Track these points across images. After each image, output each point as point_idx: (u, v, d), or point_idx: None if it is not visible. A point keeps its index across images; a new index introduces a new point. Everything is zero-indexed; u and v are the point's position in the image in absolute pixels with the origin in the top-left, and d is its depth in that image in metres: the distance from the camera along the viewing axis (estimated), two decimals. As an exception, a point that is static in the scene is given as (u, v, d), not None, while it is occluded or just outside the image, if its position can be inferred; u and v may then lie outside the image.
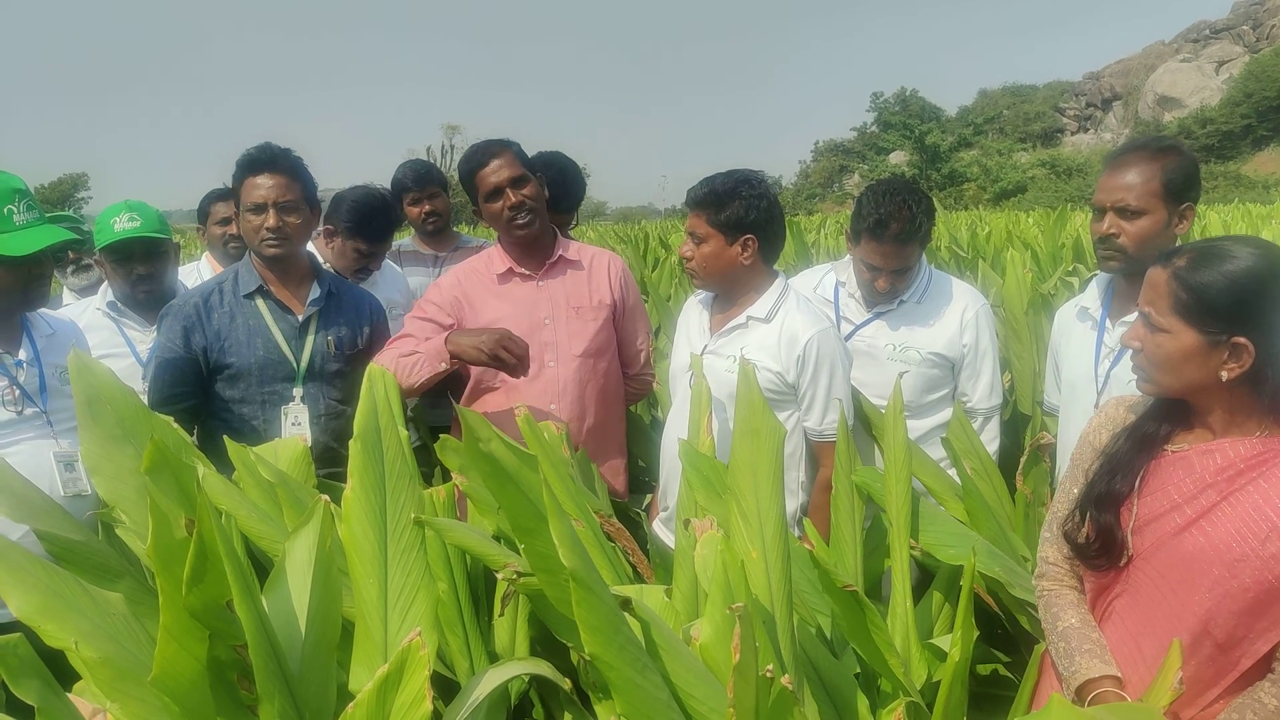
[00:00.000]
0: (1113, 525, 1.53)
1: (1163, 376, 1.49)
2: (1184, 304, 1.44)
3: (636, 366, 2.95)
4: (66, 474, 2.13)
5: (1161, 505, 1.50)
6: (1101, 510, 1.54)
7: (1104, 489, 1.55)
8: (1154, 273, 1.51)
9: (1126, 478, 1.54)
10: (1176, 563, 1.46)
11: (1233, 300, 1.41)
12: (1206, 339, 1.43)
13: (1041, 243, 7.09)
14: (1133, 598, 1.53)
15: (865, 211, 2.48)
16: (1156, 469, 1.53)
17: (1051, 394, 2.57)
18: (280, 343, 2.58)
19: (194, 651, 1.07)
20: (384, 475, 1.55)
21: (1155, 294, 1.49)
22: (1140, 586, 1.52)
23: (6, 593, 1.21)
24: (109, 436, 1.75)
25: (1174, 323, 1.46)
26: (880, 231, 2.45)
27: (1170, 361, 1.47)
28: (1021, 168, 55.26)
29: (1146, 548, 1.50)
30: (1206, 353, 1.44)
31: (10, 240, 2.02)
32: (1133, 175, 2.14)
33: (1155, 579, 1.49)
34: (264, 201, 2.50)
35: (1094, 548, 1.55)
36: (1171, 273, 1.47)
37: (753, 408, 1.64)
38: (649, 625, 1.12)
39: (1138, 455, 1.55)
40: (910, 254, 2.51)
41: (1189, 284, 1.44)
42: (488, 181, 2.63)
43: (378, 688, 1.20)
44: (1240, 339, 1.41)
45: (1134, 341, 1.53)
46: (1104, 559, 1.55)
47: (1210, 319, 1.43)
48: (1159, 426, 1.56)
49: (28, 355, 2.18)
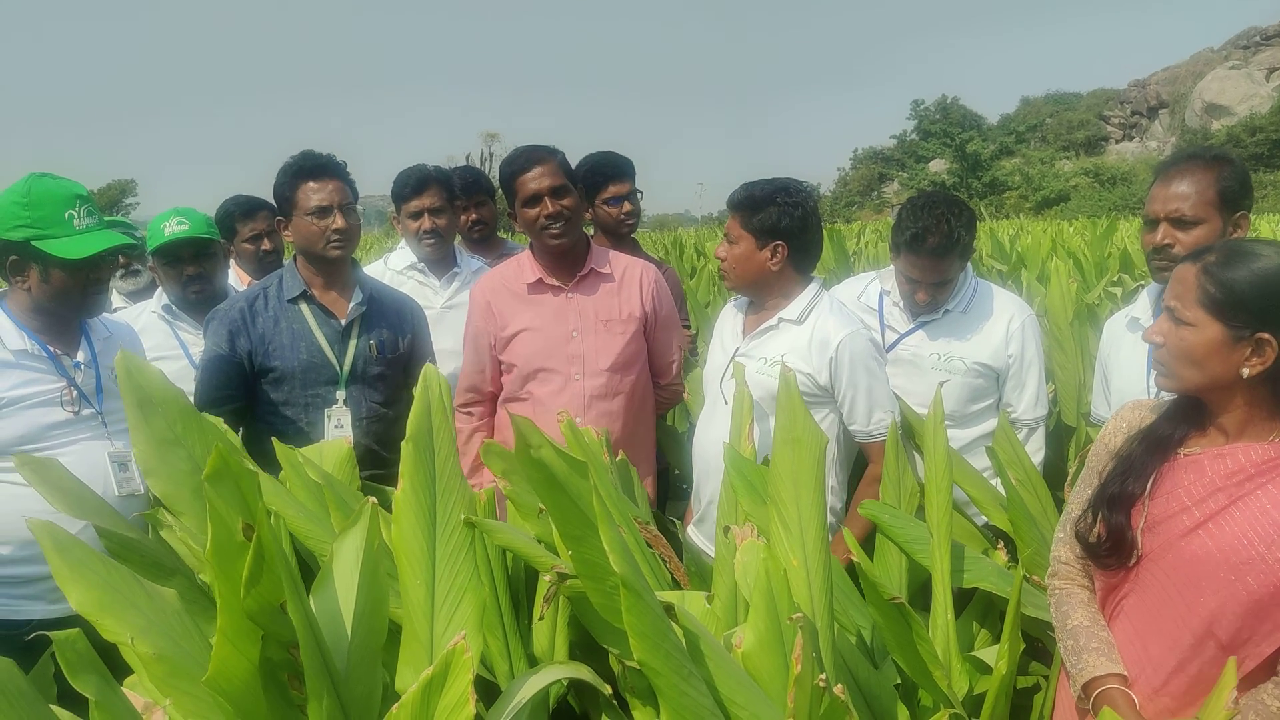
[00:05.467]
0: (1124, 525, 1.55)
1: (1184, 370, 1.51)
2: (1211, 298, 1.46)
3: (668, 377, 2.95)
4: (121, 474, 2.17)
5: (1171, 507, 1.51)
6: (1113, 510, 1.57)
7: (1116, 489, 1.58)
8: (1183, 269, 1.53)
9: (1139, 479, 1.56)
10: (1183, 564, 1.48)
11: (1260, 296, 1.43)
12: (1231, 333, 1.45)
13: (1086, 252, 6.99)
14: (1141, 597, 1.55)
15: (904, 225, 2.48)
16: (1169, 471, 1.54)
17: (1099, 405, 2.53)
18: (324, 347, 2.63)
19: (248, 653, 1.09)
20: (434, 477, 1.56)
21: (1183, 288, 1.50)
22: (1148, 587, 1.54)
23: (67, 586, 1.24)
24: (161, 439, 1.78)
25: (1200, 316, 1.47)
26: (918, 245, 2.45)
27: (1193, 355, 1.48)
28: (1064, 176, 54.48)
29: (1155, 548, 1.52)
30: (1230, 348, 1.45)
31: (71, 244, 2.07)
32: (1187, 185, 2.13)
33: (1163, 580, 1.51)
34: (329, 205, 2.58)
35: (1104, 547, 1.57)
36: (1201, 268, 1.49)
37: (794, 415, 1.64)
38: (693, 632, 1.12)
39: (1151, 457, 1.57)
40: (949, 267, 2.50)
41: (1218, 279, 1.46)
42: (528, 187, 2.65)
43: (422, 690, 1.22)
44: (1265, 335, 1.43)
45: (1157, 336, 1.55)
46: (1114, 559, 1.57)
47: (1236, 313, 1.44)
48: (1174, 429, 1.58)
49: (85, 357, 2.24)
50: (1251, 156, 46.55)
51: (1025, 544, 2.02)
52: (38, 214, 2.06)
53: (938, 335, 2.60)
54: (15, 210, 2.06)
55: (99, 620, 1.23)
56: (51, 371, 2.16)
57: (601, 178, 3.41)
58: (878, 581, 1.58)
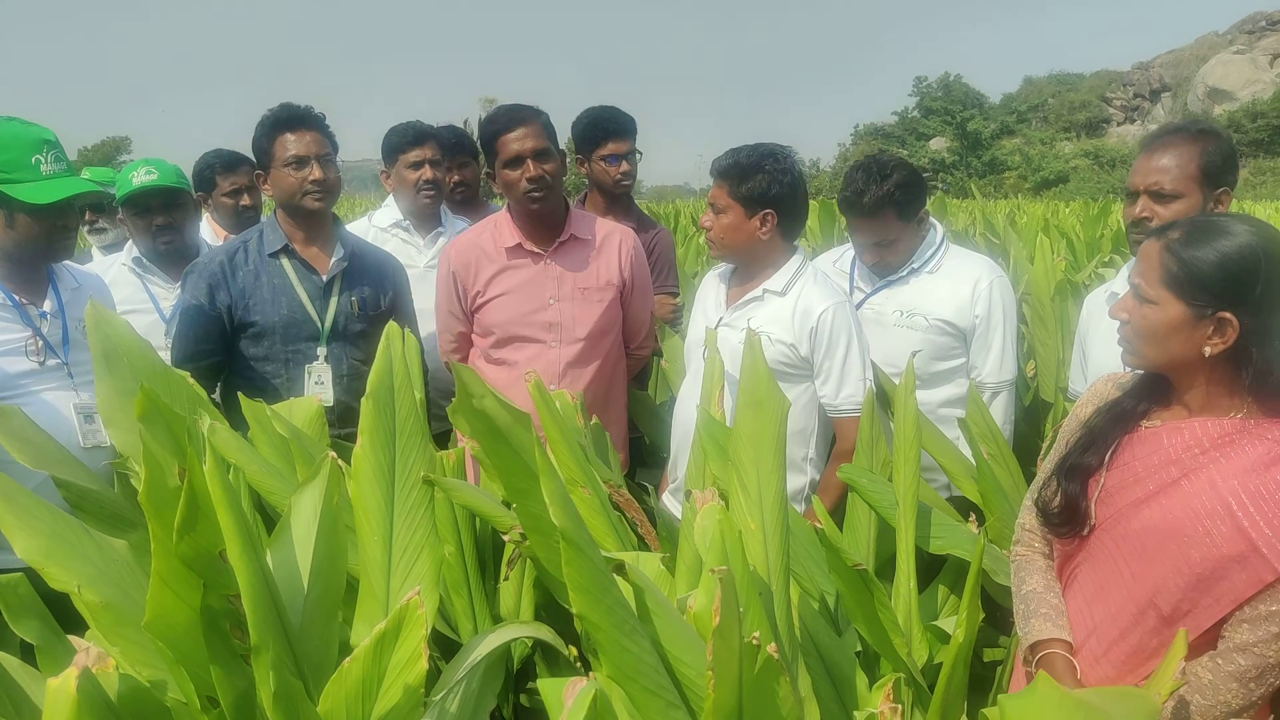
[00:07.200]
0: (1078, 495, 1.57)
1: (1147, 348, 1.50)
2: (1173, 276, 1.45)
3: (638, 341, 2.95)
4: (86, 425, 2.15)
5: (1126, 479, 1.52)
6: (1070, 480, 1.58)
7: (1076, 460, 1.59)
8: (1148, 245, 1.52)
9: (1098, 451, 1.57)
10: (1131, 534, 1.49)
11: (1222, 275, 1.41)
12: (1193, 312, 1.43)
13: (1079, 232, 6.97)
14: (1092, 566, 1.57)
15: (842, 186, 2.53)
16: (1129, 443, 1.55)
17: (1076, 380, 2.52)
18: (305, 302, 2.61)
19: (187, 599, 1.08)
20: (394, 433, 1.55)
21: (1147, 265, 1.49)
22: (1098, 556, 1.56)
23: (11, 534, 1.23)
24: (124, 389, 1.77)
25: (1162, 294, 1.46)
26: (850, 206, 2.51)
27: (1155, 333, 1.47)
28: (1064, 157, 54.30)
29: (1107, 519, 1.54)
30: (1192, 326, 1.44)
31: (36, 189, 2.04)
32: (1169, 158, 2.10)
33: (1112, 549, 1.53)
34: (306, 155, 2.54)
35: (1059, 516, 1.59)
36: (1164, 245, 1.47)
37: (757, 378, 1.62)
38: (640, 589, 1.11)
39: (1113, 429, 1.57)
40: (885, 227, 2.51)
41: (1180, 257, 1.44)
42: (510, 148, 2.59)
43: (375, 644, 1.21)
44: (1226, 314, 1.42)
45: (1122, 313, 1.54)
46: (1067, 527, 1.59)
47: (1198, 292, 1.43)
48: (1137, 403, 1.58)
49: (52, 307, 2.21)
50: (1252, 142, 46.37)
51: (994, 515, 2.02)
52: (4, 157, 2.02)
53: (903, 293, 2.60)
54: (-19, 154, 2.02)
55: (45, 569, 1.22)
56: (17, 320, 2.14)
57: (601, 133, 3.33)
58: (841, 548, 1.57)
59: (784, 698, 1.10)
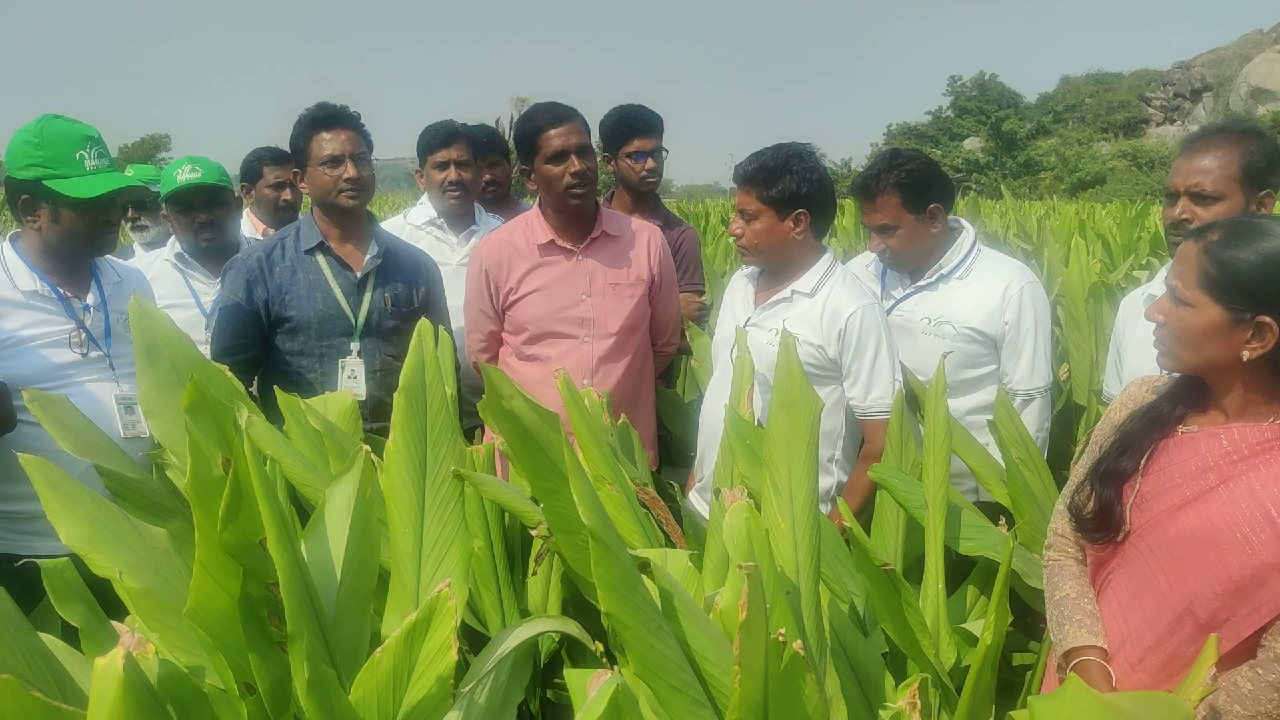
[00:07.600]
0: (1113, 500, 1.54)
1: (1183, 352, 1.48)
2: (1211, 278, 1.42)
3: (665, 338, 2.97)
4: (127, 416, 2.20)
5: (1162, 484, 1.49)
6: (1105, 485, 1.55)
7: (1110, 465, 1.56)
8: (1185, 246, 1.48)
9: (1134, 455, 1.54)
10: (1167, 541, 1.46)
11: (1261, 278, 1.38)
12: (1231, 315, 1.41)
13: (1116, 234, 6.88)
14: (1126, 573, 1.54)
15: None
16: (1165, 449, 1.52)
17: (1111, 384, 2.49)
18: (339, 298, 2.65)
19: (227, 587, 1.11)
20: (426, 428, 1.57)
21: (1184, 267, 1.46)
22: (1133, 562, 1.53)
23: (57, 521, 1.26)
24: (165, 382, 1.81)
25: (1200, 297, 1.43)
26: (860, 185, 2.54)
27: (1192, 336, 1.45)
28: (1101, 158, 53.51)
29: (1142, 525, 1.51)
30: (1229, 330, 1.41)
31: (80, 184, 2.09)
32: (1210, 159, 2.07)
33: (1147, 556, 1.50)
34: (341, 154, 2.58)
35: (1093, 521, 1.56)
36: (1203, 247, 1.44)
37: (791, 379, 1.63)
38: (668, 589, 1.12)
39: (1149, 434, 1.54)
40: (889, 210, 2.49)
41: (1219, 259, 1.42)
42: (553, 143, 2.61)
43: (405, 635, 1.23)
44: (1265, 318, 1.39)
45: (1158, 315, 1.52)
46: (1101, 533, 1.56)
47: (1236, 295, 1.40)
48: (1174, 407, 1.55)
49: (95, 300, 2.26)
50: (1296, 144, 45.34)
51: (1024, 519, 2.01)
52: (49, 153, 2.08)
53: (932, 300, 2.57)
54: (27, 150, 2.08)
55: (88, 555, 1.26)
56: (61, 313, 2.19)
57: (628, 130, 3.35)
58: (869, 548, 1.57)
59: (809, 695, 1.11)
